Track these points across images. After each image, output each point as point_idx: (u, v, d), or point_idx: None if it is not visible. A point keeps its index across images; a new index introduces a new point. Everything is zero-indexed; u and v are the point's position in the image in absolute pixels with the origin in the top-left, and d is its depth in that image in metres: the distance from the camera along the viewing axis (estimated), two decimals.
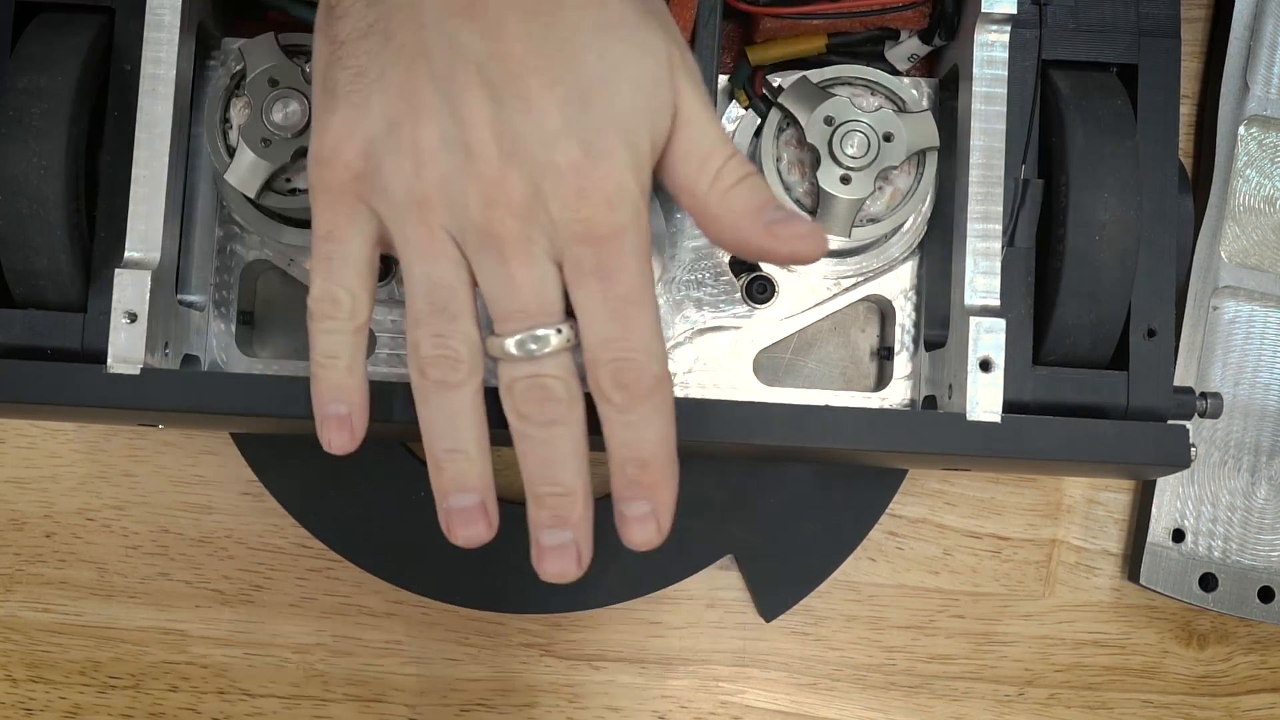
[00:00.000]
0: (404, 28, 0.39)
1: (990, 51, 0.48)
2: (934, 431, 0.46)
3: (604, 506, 0.58)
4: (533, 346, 0.39)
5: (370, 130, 0.39)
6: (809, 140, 0.49)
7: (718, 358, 0.53)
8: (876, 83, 0.50)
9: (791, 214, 0.40)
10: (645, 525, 0.41)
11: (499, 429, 0.42)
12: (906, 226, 0.52)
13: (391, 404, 0.45)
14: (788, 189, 0.50)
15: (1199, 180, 0.61)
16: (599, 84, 0.38)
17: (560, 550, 0.41)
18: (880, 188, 0.50)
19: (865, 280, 0.53)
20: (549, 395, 0.40)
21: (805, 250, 0.40)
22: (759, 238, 0.40)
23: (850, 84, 0.50)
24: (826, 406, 0.47)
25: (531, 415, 0.40)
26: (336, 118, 0.39)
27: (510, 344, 0.39)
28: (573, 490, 0.41)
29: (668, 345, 0.53)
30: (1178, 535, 0.59)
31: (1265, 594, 0.59)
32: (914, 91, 0.50)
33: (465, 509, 0.41)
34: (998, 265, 0.47)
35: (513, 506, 0.58)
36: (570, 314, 0.40)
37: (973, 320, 0.46)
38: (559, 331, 0.39)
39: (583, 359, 0.40)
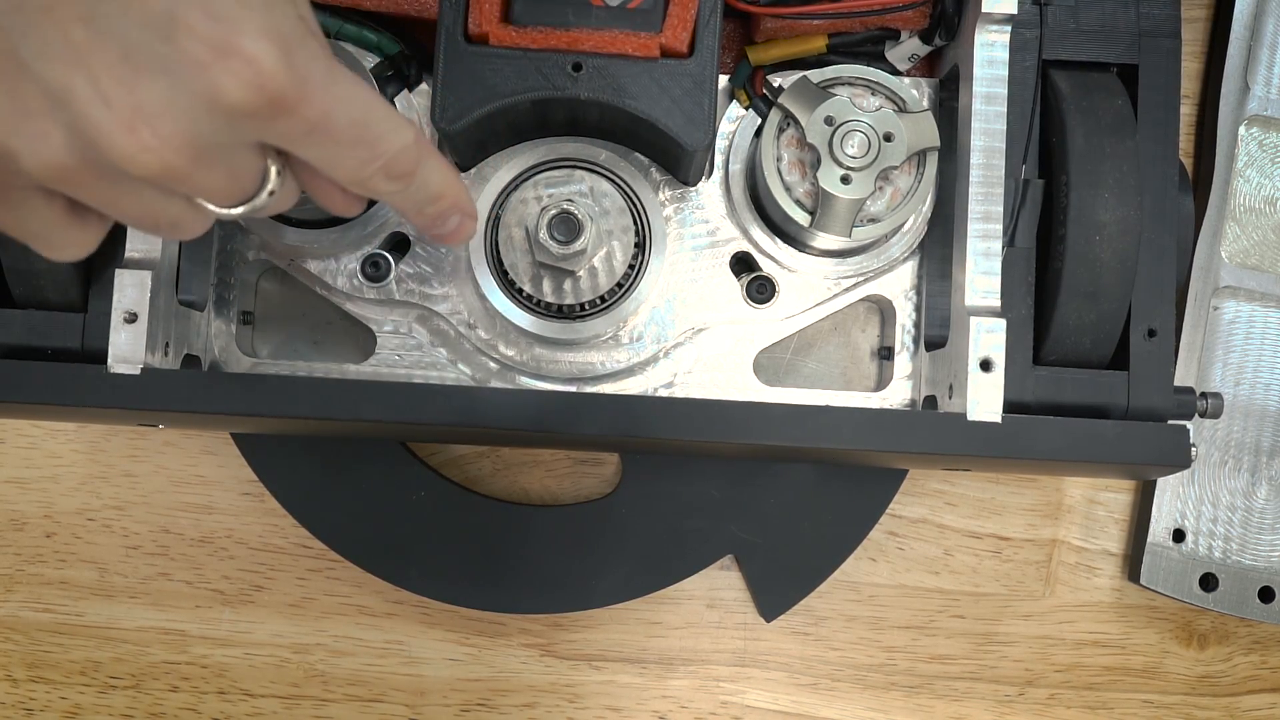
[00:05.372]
0: None
1: (991, 51, 0.48)
2: (934, 431, 0.46)
3: (601, 506, 0.58)
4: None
5: None
6: (809, 140, 0.48)
7: (718, 358, 0.53)
8: (877, 83, 0.50)
9: None
10: None
11: (503, 430, 0.41)
12: (907, 226, 0.52)
13: (389, 403, 0.45)
14: (788, 189, 0.50)
15: (1199, 180, 0.61)
16: None
17: None
18: (880, 188, 0.50)
19: (865, 280, 0.53)
20: None
21: None
22: None
23: (850, 84, 0.50)
24: (826, 406, 0.47)
25: None
26: None
27: None
28: None
29: (669, 344, 0.53)
30: (1178, 535, 0.59)
31: (1265, 594, 0.59)
32: (914, 91, 0.50)
33: None
34: (998, 265, 0.47)
35: (513, 507, 0.59)
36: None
37: (973, 320, 0.46)
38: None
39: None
